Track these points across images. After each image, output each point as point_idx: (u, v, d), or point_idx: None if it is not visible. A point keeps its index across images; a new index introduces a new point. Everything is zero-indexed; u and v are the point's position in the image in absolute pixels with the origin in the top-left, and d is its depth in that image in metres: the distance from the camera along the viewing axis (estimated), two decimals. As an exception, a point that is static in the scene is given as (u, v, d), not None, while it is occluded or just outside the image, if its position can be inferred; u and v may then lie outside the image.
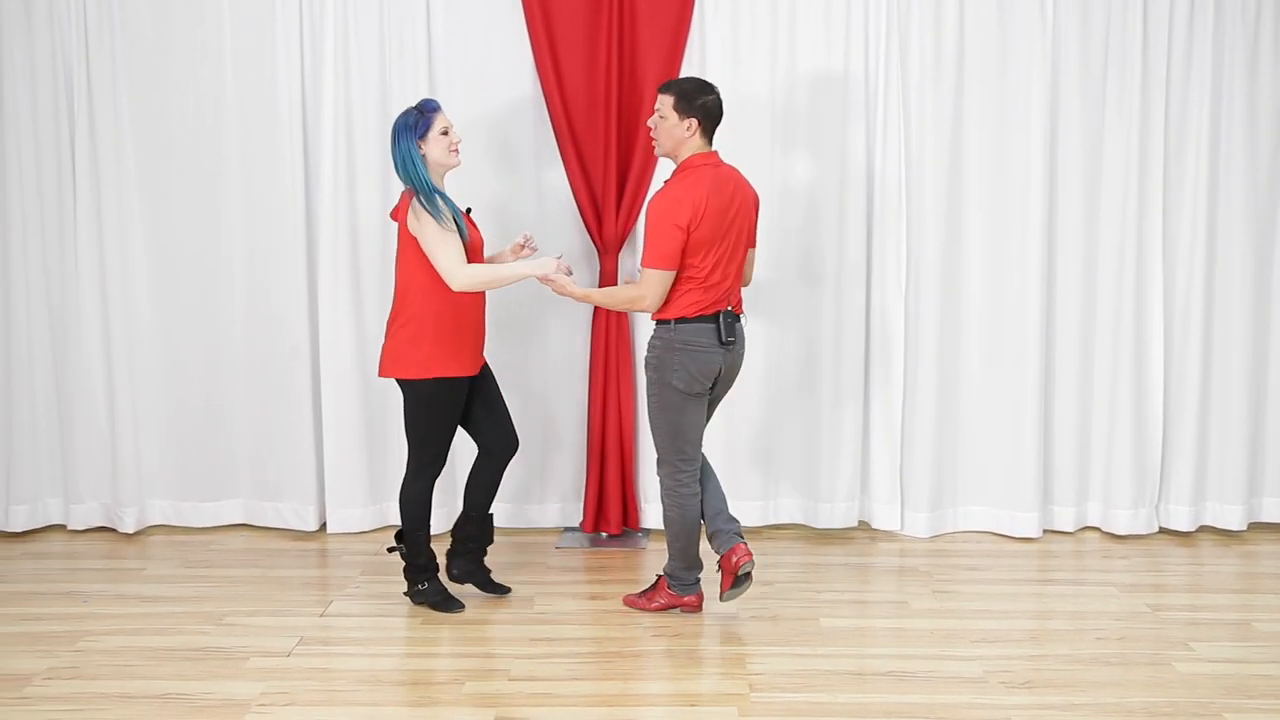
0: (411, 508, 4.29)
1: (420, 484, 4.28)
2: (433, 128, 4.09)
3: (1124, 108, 5.07)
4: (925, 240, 5.13)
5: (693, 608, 4.32)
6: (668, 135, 4.03)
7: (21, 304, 5.17)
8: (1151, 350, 5.19)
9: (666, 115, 4.01)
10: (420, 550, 4.32)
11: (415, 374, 4.12)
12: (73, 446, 5.25)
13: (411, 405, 4.20)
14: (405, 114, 4.12)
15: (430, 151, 4.09)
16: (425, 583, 4.34)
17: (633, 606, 4.36)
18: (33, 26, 5.02)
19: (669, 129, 4.02)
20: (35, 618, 4.27)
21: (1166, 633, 4.15)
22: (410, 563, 4.34)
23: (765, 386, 5.23)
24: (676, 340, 4.05)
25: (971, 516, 5.34)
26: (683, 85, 4.06)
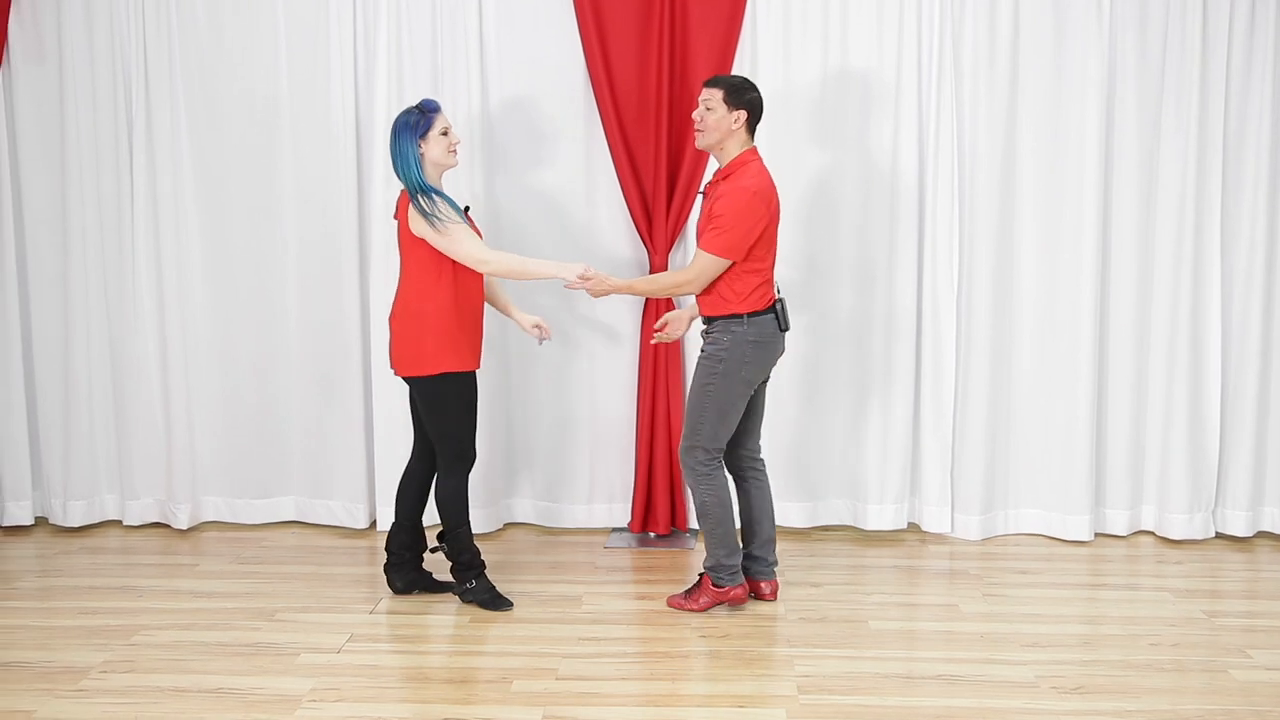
0: (448, 505, 4.30)
1: (453, 481, 4.29)
2: (433, 127, 4.13)
3: (1182, 106, 4.99)
4: (977, 238, 5.09)
5: (739, 600, 4.32)
6: (715, 127, 4.10)
7: (80, 304, 5.24)
8: (1208, 351, 5.12)
9: (715, 107, 4.08)
10: (463, 548, 4.34)
11: (419, 371, 4.17)
12: (129, 444, 5.33)
13: (424, 403, 4.23)
14: (406, 113, 4.16)
15: (430, 151, 4.13)
16: (474, 580, 4.36)
17: (679, 608, 4.36)
18: (93, 33, 5.09)
19: (717, 121, 4.09)
20: (92, 611, 4.34)
21: (1223, 639, 4.08)
22: (455, 561, 4.36)
23: (815, 386, 5.20)
24: (750, 334, 4.14)
25: (1023, 519, 5.29)
26: (731, 80, 4.14)
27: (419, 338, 4.14)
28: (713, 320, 4.20)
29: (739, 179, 4.09)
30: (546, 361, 5.21)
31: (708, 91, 4.13)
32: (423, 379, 4.17)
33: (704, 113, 4.11)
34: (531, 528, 5.35)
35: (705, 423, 4.20)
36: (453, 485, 4.29)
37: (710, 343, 4.20)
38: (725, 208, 4.04)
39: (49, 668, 3.83)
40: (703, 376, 4.21)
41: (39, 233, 5.24)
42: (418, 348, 4.15)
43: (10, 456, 5.31)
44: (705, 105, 4.11)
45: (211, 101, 5.15)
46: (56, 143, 5.17)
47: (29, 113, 5.17)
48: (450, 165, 4.21)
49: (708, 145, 4.17)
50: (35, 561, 4.98)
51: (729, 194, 4.06)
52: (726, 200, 4.05)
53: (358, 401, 5.23)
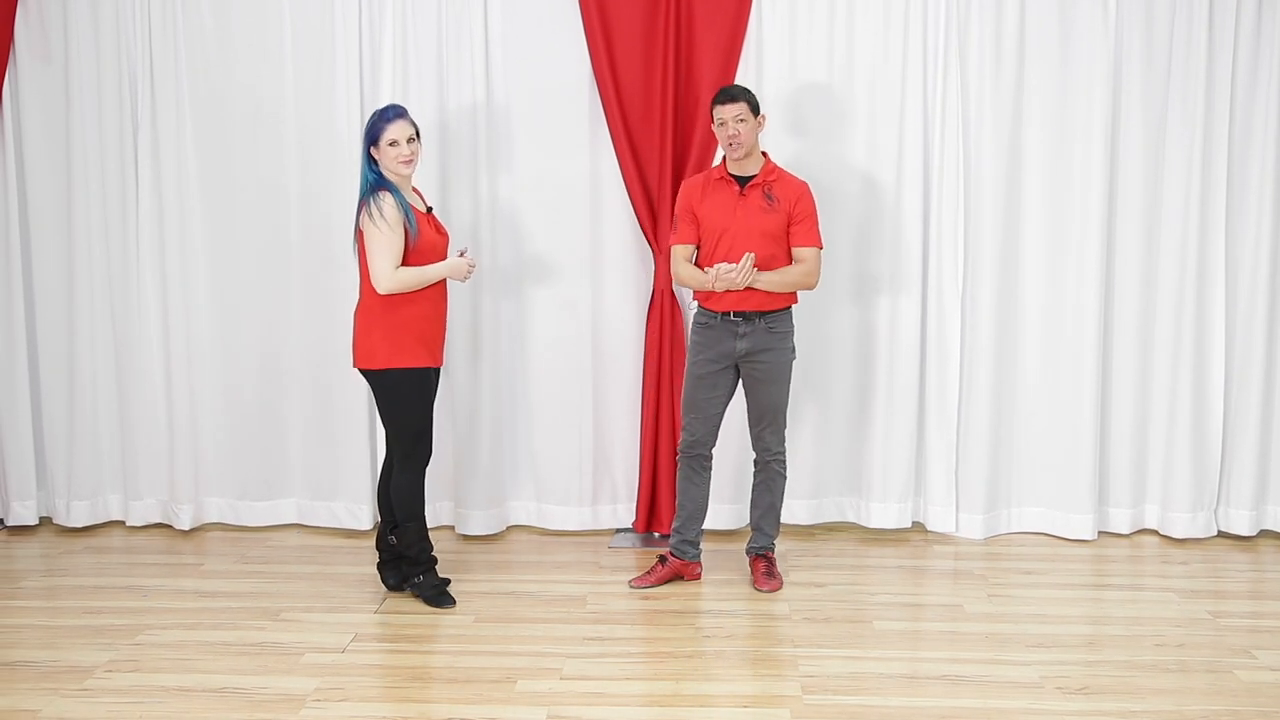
0: (401, 499, 4.33)
1: (406, 476, 4.32)
2: (381, 136, 4.17)
3: (1187, 107, 4.99)
4: (983, 237, 5.09)
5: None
6: (752, 133, 4.35)
7: (85, 305, 5.25)
8: (1212, 351, 5.12)
9: (746, 119, 4.32)
10: (412, 542, 4.36)
11: (370, 364, 4.22)
12: (132, 445, 5.33)
13: (376, 397, 4.29)
14: (372, 115, 4.22)
15: (381, 158, 4.18)
16: (421, 575, 4.39)
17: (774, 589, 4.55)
18: (99, 32, 5.09)
19: (752, 129, 4.35)
20: (96, 611, 4.34)
21: (1228, 639, 4.08)
22: (405, 554, 4.39)
23: (820, 385, 5.20)
24: (792, 322, 4.50)
25: (1026, 518, 5.29)
26: (745, 91, 4.38)
27: (369, 332, 4.20)
28: (772, 314, 4.42)
29: (788, 177, 4.43)
30: (549, 362, 5.20)
31: (729, 107, 4.31)
32: (373, 373, 4.23)
33: (739, 126, 4.31)
34: (535, 529, 5.35)
35: (783, 409, 4.55)
36: (406, 480, 4.32)
37: (781, 336, 4.44)
38: (808, 203, 4.39)
39: (54, 667, 3.84)
40: (786, 371, 4.49)
41: (44, 233, 5.24)
42: (369, 342, 4.21)
43: (15, 457, 5.31)
44: (738, 118, 4.30)
45: (216, 101, 5.15)
46: (62, 143, 5.17)
47: (35, 112, 5.17)
48: (400, 174, 4.21)
49: (747, 154, 4.37)
50: (40, 561, 4.98)
51: (805, 190, 4.40)
52: (805, 196, 4.39)
53: (360, 403, 5.23)
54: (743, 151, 4.34)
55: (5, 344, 5.25)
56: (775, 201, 4.35)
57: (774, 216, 4.34)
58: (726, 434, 5.14)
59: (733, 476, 5.19)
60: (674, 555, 4.63)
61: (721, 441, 5.20)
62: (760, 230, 4.33)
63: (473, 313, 5.09)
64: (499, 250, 5.12)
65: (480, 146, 5.05)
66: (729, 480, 5.19)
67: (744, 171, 4.40)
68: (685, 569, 4.64)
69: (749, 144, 4.34)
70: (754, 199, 4.35)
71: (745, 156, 4.37)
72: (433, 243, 4.25)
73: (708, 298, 4.42)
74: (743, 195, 4.36)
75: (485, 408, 5.12)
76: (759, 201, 4.34)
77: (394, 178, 4.20)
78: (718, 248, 4.38)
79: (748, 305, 4.37)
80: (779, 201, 4.35)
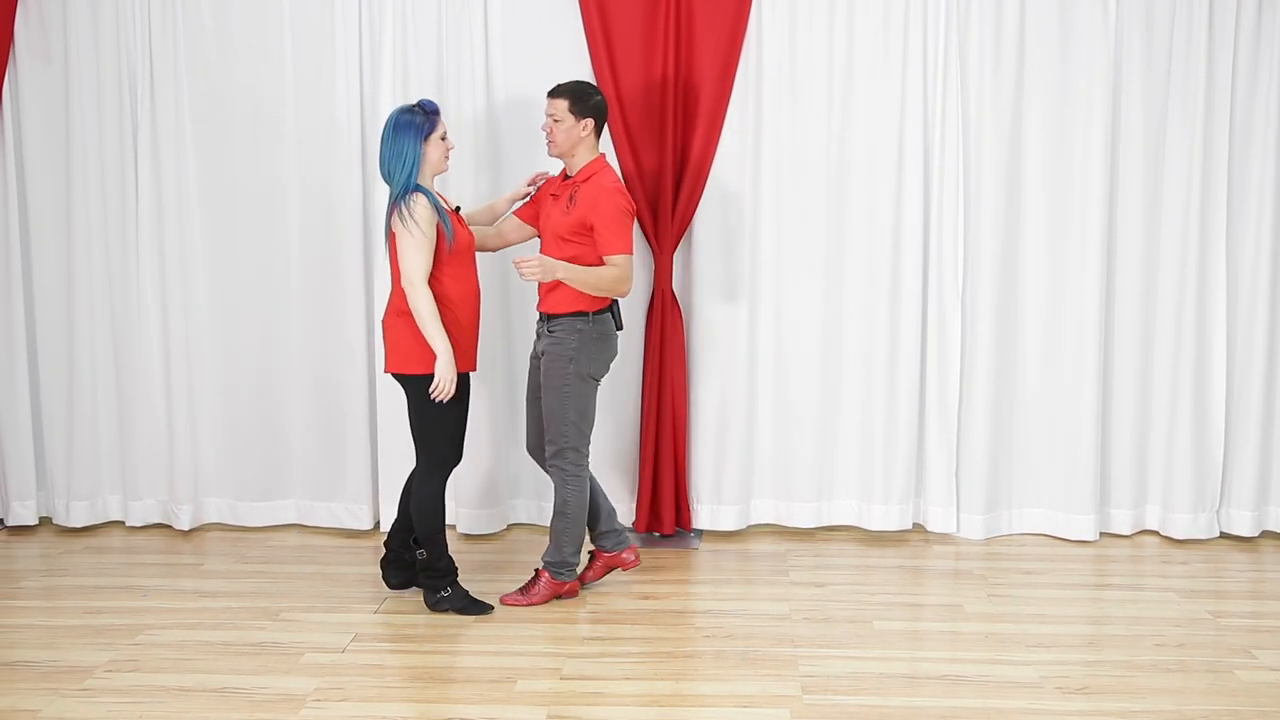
0: (424, 512, 4.25)
1: (431, 486, 4.25)
2: (436, 130, 4.12)
3: (1188, 107, 4.99)
4: (982, 237, 5.08)
5: (574, 593, 4.48)
6: (568, 134, 4.25)
7: (84, 305, 5.24)
8: (1213, 350, 5.12)
9: (563, 119, 4.23)
10: (439, 554, 4.30)
11: (405, 369, 4.16)
12: (132, 445, 5.33)
13: (409, 402, 4.23)
14: (407, 111, 4.13)
15: (430, 153, 4.12)
16: (449, 588, 4.32)
17: (514, 605, 4.39)
18: (98, 32, 5.09)
19: (569, 129, 4.24)
20: (96, 611, 4.34)
21: (1228, 640, 4.08)
22: (430, 567, 4.31)
23: (819, 387, 5.20)
24: (593, 331, 4.29)
25: (1027, 519, 5.29)
26: (575, 88, 4.28)
27: (406, 337, 4.13)
28: (555, 318, 4.29)
29: (604, 179, 4.26)
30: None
31: (553, 104, 4.25)
32: (408, 377, 4.17)
33: (553, 124, 4.24)
34: (535, 528, 5.35)
35: (569, 424, 4.31)
36: (429, 491, 4.24)
37: (555, 342, 4.29)
38: (605, 209, 4.18)
39: (54, 667, 3.84)
40: (556, 379, 4.30)
41: (44, 233, 5.24)
42: (405, 347, 4.15)
43: (15, 457, 5.31)
44: (553, 116, 4.24)
45: (216, 101, 5.15)
46: (62, 143, 5.17)
47: (35, 112, 5.16)
48: (443, 170, 4.21)
49: (559, 154, 4.30)
50: (40, 561, 4.98)
51: (603, 195, 4.20)
52: (603, 201, 4.19)
53: (361, 403, 5.23)
54: (554, 150, 4.29)
55: (5, 344, 5.25)
56: (574, 205, 4.24)
57: (568, 219, 4.23)
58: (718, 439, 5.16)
59: (737, 476, 5.19)
60: (600, 551, 4.58)
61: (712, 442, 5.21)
62: (554, 230, 4.28)
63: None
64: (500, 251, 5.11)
65: (480, 146, 5.06)
66: (730, 480, 5.20)
67: (570, 171, 4.35)
68: (616, 559, 4.57)
69: (562, 144, 4.25)
70: (562, 199, 4.30)
71: (562, 155, 4.30)
72: (468, 242, 4.21)
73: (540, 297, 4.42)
74: (555, 195, 4.34)
75: (484, 407, 5.11)
76: (564, 202, 4.28)
77: (433, 172, 4.15)
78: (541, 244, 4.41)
79: (541, 307, 4.36)
80: (577, 205, 4.23)
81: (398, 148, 4.07)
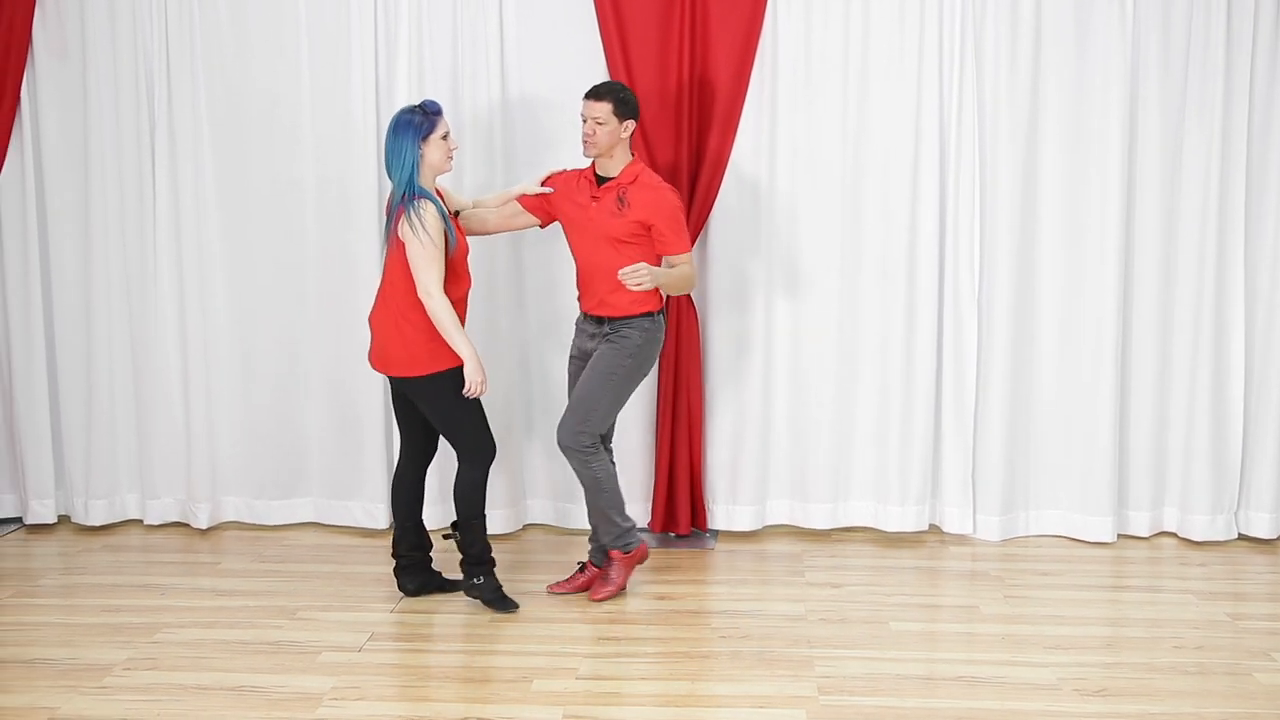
0: (465, 496, 4.28)
1: (473, 473, 4.27)
2: (435, 130, 4.11)
3: (1205, 106, 4.95)
4: (999, 237, 5.06)
5: (646, 555, 4.57)
6: (609, 136, 4.26)
7: (102, 303, 5.26)
8: (1232, 351, 5.09)
9: (607, 121, 4.23)
10: (475, 539, 4.31)
11: (415, 371, 4.16)
12: (150, 444, 5.34)
13: (426, 404, 4.23)
14: (408, 111, 4.13)
15: (430, 154, 4.11)
16: (481, 576, 4.33)
17: (606, 598, 4.43)
18: (116, 30, 5.10)
19: (611, 132, 4.25)
20: (115, 609, 4.36)
21: (1247, 642, 4.06)
22: (465, 553, 4.33)
23: (835, 387, 5.19)
24: (656, 331, 4.39)
25: (1044, 520, 5.27)
26: (617, 89, 4.28)
27: (413, 340, 4.12)
28: (621, 320, 4.32)
29: (657, 181, 4.33)
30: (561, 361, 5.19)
31: (597, 107, 4.23)
32: (419, 380, 4.17)
33: (596, 126, 4.24)
34: (551, 528, 5.35)
35: (599, 410, 4.33)
36: (472, 477, 4.27)
37: (623, 337, 4.32)
38: (667, 210, 4.27)
39: (72, 665, 3.86)
40: (606, 365, 4.32)
41: (62, 232, 5.25)
42: (412, 350, 4.13)
43: (34, 456, 5.33)
44: (597, 119, 4.23)
45: (233, 99, 5.16)
46: (80, 141, 5.19)
47: (52, 111, 5.18)
48: (446, 170, 4.20)
49: (596, 155, 4.31)
50: (58, 560, 5.00)
51: (662, 197, 4.28)
52: (663, 203, 4.27)
53: (377, 402, 5.23)
54: (595, 151, 4.28)
55: (23, 344, 5.27)
56: (627, 206, 4.26)
57: (621, 222, 4.25)
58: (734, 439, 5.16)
59: (753, 477, 5.19)
60: (592, 564, 4.59)
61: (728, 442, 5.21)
62: (605, 233, 4.27)
63: (488, 314, 5.08)
64: (514, 250, 5.12)
65: (495, 145, 5.06)
66: (746, 481, 5.20)
67: (605, 172, 4.34)
68: None
69: (603, 146, 4.25)
70: (606, 201, 4.29)
71: (600, 156, 4.31)
72: (466, 248, 4.21)
73: (580, 297, 4.44)
74: (595, 197, 4.32)
75: (500, 406, 5.12)
76: (610, 205, 4.28)
77: (433, 173, 4.15)
78: (573, 246, 4.40)
79: (597, 310, 4.36)
80: (631, 207, 4.25)
81: (397, 148, 4.08)
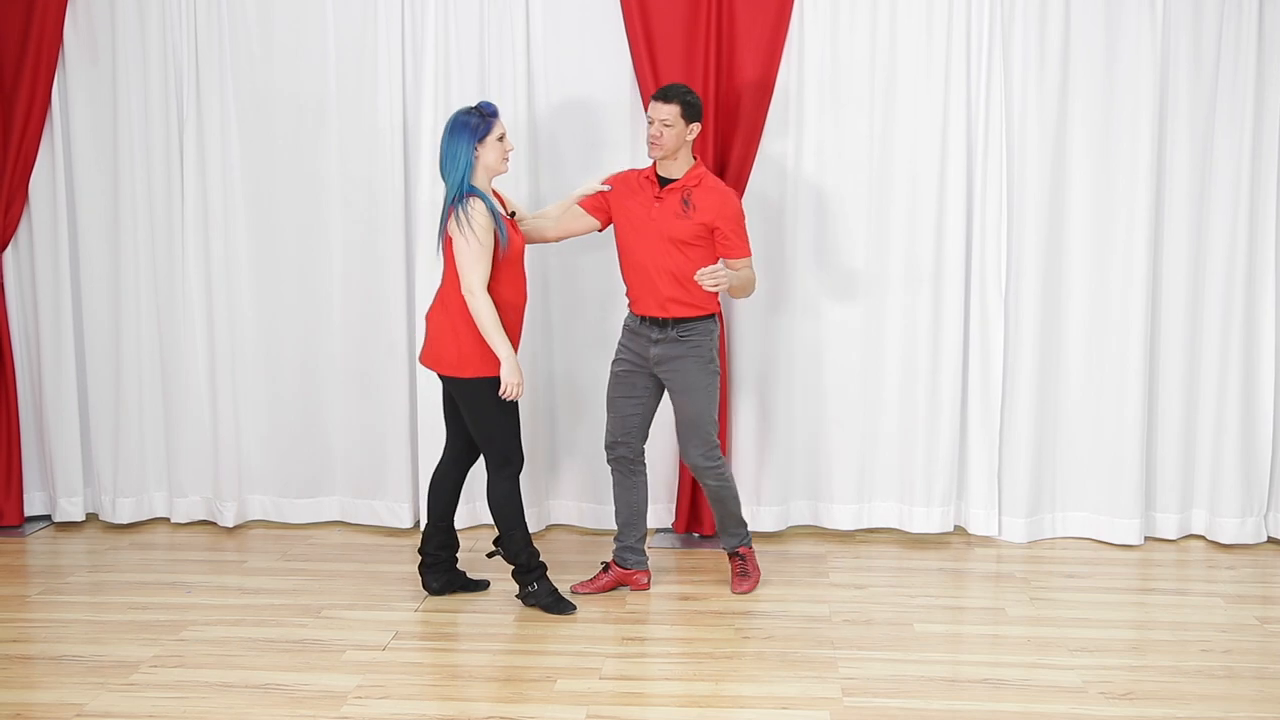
0: (500, 509, 4.29)
1: (503, 485, 4.27)
2: (492, 132, 4.12)
3: (1236, 106, 4.92)
4: (1026, 238, 5.04)
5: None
6: (676, 138, 4.29)
7: (131, 303, 5.30)
8: (1262, 352, 5.04)
9: (675, 124, 4.26)
10: (519, 550, 4.32)
11: (458, 372, 4.17)
12: (177, 442, 5.37)
13: (464, 405, 4.24)
14: (464, 113, 4.15)
15: (485, 156, 4.12)
16: (535, 584, 4.33)
17: (750, 590, 4.55)
18: (145, 34, 5.13)
19: (678, 134, 4.29)
20: (142, 607, 4.39)
21: (1275, 646, 4.03)
22: (514, 564, 4.34)
23: (861, 388, 5.17)
24: (716, 331, 4.46)
25: (1070, 522, 5.23)
26: (686, 92, 4.32)
27: (459, 339, 4.14)
28: (686, 322, 4.35)
29: (714, 183, 4.38)
30: (588, 363, 5.20)
31: (665, 109, 4.25)
32: (460, 380, 4.18)
33: (664, 129, 4.26)
34: (576, 529, 5.35)
35: (710, 421, 4.42)
36: (502, 489, 4.27)
37: (692, 346, 4.35)
38: (733, 212, 4.35)
39: (100, 662, 3.89)
40: (699, 380, 4.37)
41: (91, 233, 5.29)
42: (458, 349, 4.15)
43: (62, 454, 5.37)
44: (664, 121, 4.25)
45: (260, 102, 5.19)
46: (109, 143, 5.22)
47: (83, 113, 5.22)
48: (502, 171, 4.21)
49: (663, 157, 4.32)
50: (86, 557, 5.04)
51: (730, 199, 4.37)
52: (731, 205, 4.36)
53: (402, 401, 5.25)
54: (661, 153, 4.30)
55: (53, 342, 5.31)
56: (692, 208, 4.28)
57: (687, 223, 4.28)
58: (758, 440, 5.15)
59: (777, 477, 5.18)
60: (615, 564, 4.59)
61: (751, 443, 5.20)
62: (669, 234, 4.29)
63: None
64: (542, 251, 5.12)
65: (522, 148, 5.05)
66: (770, 482, 5.19)
67: (667, 174, 4.36)
68: (628, 578, 4.58)
69: (670, 147, 4.27)
70: (670, 203, 4.31)
71: (666, 158, 4.32)
72: (520, 249, 4.20)
73: (634, 302, 4.44)
74: (659, 198, 4.33)
75: (525, 407, 5.12)
76: (674, 206, 4.30)
77: (489, 174, 4.16)
78: (631, 247, 4.40)
79: (658, 312, 4.35)
80: (696, 209, 4.28)
81: (452, 149, 4.10)
